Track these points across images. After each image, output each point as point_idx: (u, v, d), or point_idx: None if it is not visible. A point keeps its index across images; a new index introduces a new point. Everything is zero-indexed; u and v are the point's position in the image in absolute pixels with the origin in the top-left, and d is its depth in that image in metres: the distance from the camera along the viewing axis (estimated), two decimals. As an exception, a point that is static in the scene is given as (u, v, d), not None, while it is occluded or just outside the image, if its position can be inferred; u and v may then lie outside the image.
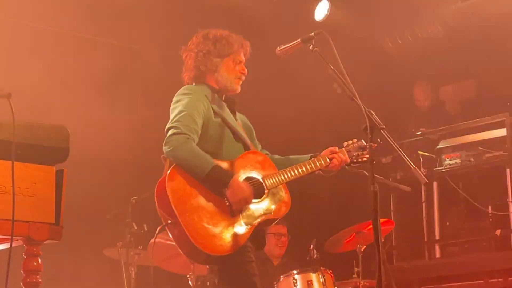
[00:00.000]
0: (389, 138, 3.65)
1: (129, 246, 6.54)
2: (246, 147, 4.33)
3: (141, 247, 6.61)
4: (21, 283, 3.53)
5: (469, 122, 7.62)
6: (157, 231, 4.22)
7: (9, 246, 3.36)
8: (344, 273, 6.59)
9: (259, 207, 4.15)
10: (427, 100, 8.69)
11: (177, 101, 4.25)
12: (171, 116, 4.20)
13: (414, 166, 3.65)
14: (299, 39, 4.14)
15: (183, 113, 4.13)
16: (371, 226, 4.50)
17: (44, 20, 7.42)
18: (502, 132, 7.21)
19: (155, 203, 4.10)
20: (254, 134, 4.59)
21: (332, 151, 4.45)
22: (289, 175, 4.27)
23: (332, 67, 3.88)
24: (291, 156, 4.52)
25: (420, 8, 8.37)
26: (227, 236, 4.00)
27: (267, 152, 4.56)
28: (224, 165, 4.14)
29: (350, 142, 4.54)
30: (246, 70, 4.47)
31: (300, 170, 4.31)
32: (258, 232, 4.22)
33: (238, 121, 4.48)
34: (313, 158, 4.42)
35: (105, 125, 7.46)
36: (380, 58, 8.77)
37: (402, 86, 8.88)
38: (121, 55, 7.98)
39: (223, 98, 4.42)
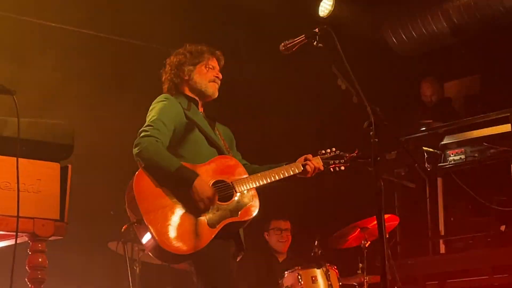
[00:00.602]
0: (393, 134, 3.64)
1: (133, 242, 6.54)
2: (220, 152, 4.43)
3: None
4: (26, 280, 3.54)
5: (473, 117, 7.61)
6: (122, 230, 4.31)
7: (14, 243, 3.36)
8: (348, 269, 6.60)
9: (226, 209, 4.23)
10: (434, 95, 8.67)
11: (152, 109, 4.42)
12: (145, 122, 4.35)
13: (417, 162, 3.64)
14: (303, 35, 4.13)
15: (154, 118, 4.30)
16: (375, 222, 4.51)
17: (49, 17, 7.42)
18: (506, 127, 7.20)
19: (125, 203, 4.21)
20: (235, 144, 4.72)
21: (306, 158, 4.57)
22: (259, 180, 4.38)
23: (336, 63, 3.88)
24: (267, 165, 4.60)
25: (425, 4, 8.36)
26: (191, 236, 4.09)
27: (246, 162, 4.66)
28: (193, 168, 4.22)
29: (328, 150, 4.69)
30: (220, 75, 4.60)
31: (271, 176, 4.42)
32: (236, 235, 4.34)
33: (218, 130, 4.61)
34: (286, 165, 4.53)
35: (110, 122, 7.47)
36: (384, 54, 8.76)
37: (406, 82, 8.87)
38: (127, 52, 7.98)
39: (202, 109, 4.58)
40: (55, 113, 6.87)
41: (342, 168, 4.66)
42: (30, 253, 3.54)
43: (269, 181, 4.41)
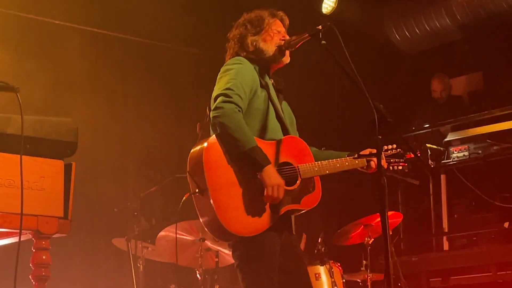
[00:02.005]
0: (396, 130, 3.64)
1: (137, 239, 6.54)
2: (284, 128, 4.19)
3: (149, 240, 6.63)
4: (30, 277, 3.55)
5: (477, 114, 7.61)
6: (183, 199, 4.09)
7: (18, 240, 3.37)
8: (352, 266, 6.60)
9: (289, 194, 4.03)
10: (444, 91, 8.65)
11: (227, 70, 4.11)
12: (219, 85, 4.05)
13: (420, 158, 3.64)
14: (306, 32, 4.12)
15: (233, 81, 4.00)
16: (379, 219, 4.52)
17: (54, 14, 7.43)
18: (510, 124, 7.20)
19: (187, 167, 4.01)
20: (295, 122, 4.43)
21: (371, 153, 4.22)
22: (325, 169, 4.15)
23: (339, 60, 3.87)
24: (327, 151, 4.37)
25: (428, 0, 8.35)
26: (252, 218, 3.91)
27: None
28: (266, 146, 4.00)
29: (390, 147, 4.41)
30: (287, 37, 4.28)
31: (337, 166, 4.20)
32: (287, 218, 4.12)
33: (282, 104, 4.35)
34: (350, 157, 4.26)
35: (115, 120, 7.48)
36: (387, 51, 8.76)
37: (409, 78, 8.86)
38: (132, 49, 7.99)
39: (270, 75, 4.30)
40: (60, 111, 6.90)
41: (400, 167, 4.37)
42: (34, 250, 3.55)
43: (333, 170, 4.17)
